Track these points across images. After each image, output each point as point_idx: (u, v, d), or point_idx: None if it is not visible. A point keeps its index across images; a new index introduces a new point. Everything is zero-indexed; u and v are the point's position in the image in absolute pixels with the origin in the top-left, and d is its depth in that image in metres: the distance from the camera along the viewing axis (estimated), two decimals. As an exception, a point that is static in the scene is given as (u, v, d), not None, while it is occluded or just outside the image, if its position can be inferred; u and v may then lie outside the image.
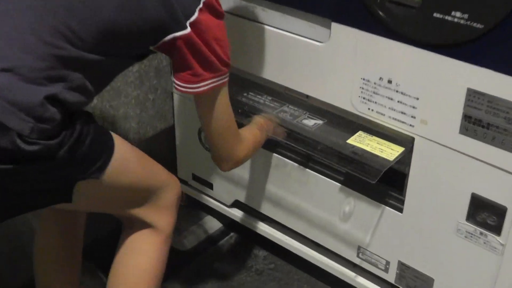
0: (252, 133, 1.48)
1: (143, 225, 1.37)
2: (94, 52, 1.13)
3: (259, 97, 1.64)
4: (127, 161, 1.28)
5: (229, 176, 1.83)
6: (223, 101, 1.32)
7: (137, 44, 1.22)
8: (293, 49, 1.50)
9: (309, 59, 1.47)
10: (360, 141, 1.45)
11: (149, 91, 1.93)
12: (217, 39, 1.24)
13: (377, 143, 1.44)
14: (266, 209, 1.79)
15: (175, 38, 1.19)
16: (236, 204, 1.88)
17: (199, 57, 1.23)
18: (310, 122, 1.54)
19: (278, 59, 1.55)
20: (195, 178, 1.96)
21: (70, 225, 1.48)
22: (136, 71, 1.86)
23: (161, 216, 1.37)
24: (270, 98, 1.63)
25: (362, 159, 1.40)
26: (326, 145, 1.46)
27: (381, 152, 1.41)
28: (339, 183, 1.58)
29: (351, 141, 1.45)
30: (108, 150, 1.21)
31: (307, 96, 1.56)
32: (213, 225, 2.03)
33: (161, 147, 2.05)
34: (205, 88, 1.26)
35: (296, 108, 1.59)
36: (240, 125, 1.48)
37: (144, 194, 1.34)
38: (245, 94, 1.65)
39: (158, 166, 1.39)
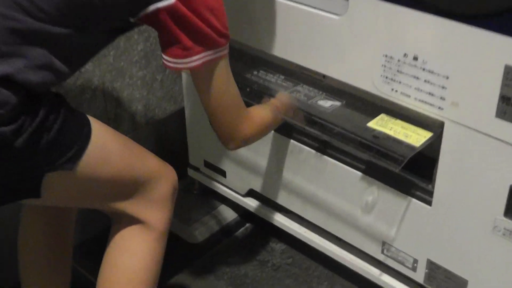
0: (262, 111, 1.40)
1: (133, 220, 1.28)
2: (60, 24, 1.04)
3: (271, 75, 1.56)
4: (107, 149, 1.19)
5: (242, 163, 1.77)
6: (223, 76, 1.23)
7: (112, 16, 1.12)
8: (307, 23, 1.43)
9: (325, 34, 1.41)
10: (383, 124, 1.37)
11: (156, 71, 1.89)
12: (211, 8, 1.13)
13: (402, 127, 1.36)
14: (283, 199, 1.73)
15: (157, 10, 1.09)
16: (251, 193, 1.82)
17: (188, 30, 1.13)
18: (327, 103, 1.46)
19: (290, 35, 1.48)
20: (207, 164, 1.90)
21: (57, 218, 1.40)
22: (141, 50, 1.82)
23: (152, 211, 1.28)
24: (282, 77, 1.55)
25: (384, 145, 1.33)
26: (344, 128, 1.38)
27: (406, 137, 1.33)
28: (360, 171, 1.50)
29: (372, 124, 1.37)
30: (82, 137, 1.12)
31: (324, 76, 1.49)
32: (227, 215, 1.96)
33: (170, 131, 2.01)
34: (198, 62, 1.16)
35: (311, 88, 1.51)
36: (249, 106, 1.41)
37: (131, 187, 1.25)
38: (254, 73, 1.57)
39: (148, 154, 1.30)
